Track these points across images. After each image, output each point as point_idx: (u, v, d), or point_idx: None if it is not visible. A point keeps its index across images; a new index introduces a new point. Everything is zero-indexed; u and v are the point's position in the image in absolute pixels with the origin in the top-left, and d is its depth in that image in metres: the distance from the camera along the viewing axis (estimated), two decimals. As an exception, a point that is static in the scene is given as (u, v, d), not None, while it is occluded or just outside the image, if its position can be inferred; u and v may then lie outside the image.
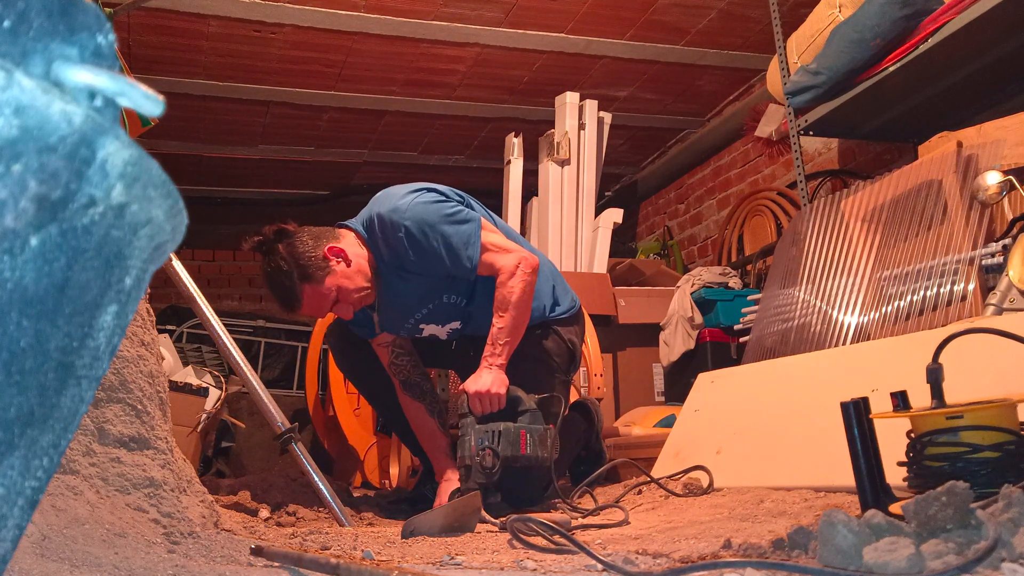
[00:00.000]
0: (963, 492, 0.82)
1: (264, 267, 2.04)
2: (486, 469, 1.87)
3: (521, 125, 4.76)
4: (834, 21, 2.79)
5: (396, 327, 2.25)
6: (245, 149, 5.12)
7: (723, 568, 0.85)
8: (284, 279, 2.00)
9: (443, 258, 2.04)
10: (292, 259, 2.00)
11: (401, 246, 2.05)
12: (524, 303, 2.05)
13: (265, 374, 5.11)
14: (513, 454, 1.90)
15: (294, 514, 1.99)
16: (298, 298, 2.03)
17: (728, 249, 4.48)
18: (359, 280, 2.07)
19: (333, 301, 2.05)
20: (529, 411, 1.97)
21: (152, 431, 1.31)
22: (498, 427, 1.91)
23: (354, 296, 2.06)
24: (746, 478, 1.89)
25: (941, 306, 2.16)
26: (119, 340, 0.48)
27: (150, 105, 0.42)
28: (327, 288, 2.02)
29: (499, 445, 1.89)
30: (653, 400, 3.73)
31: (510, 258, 2.06)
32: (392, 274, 2.13)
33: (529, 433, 1.93)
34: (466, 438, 1.92)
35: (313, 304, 2.05)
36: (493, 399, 1.94)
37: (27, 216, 0.38)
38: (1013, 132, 2.27)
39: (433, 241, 2.03)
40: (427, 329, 2.26)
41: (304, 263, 2.00)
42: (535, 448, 1.93)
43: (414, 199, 2.06)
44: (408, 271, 2.10)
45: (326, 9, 3.56)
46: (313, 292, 2.02)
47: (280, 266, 2.00)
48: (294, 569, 1.03)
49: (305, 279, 2.01)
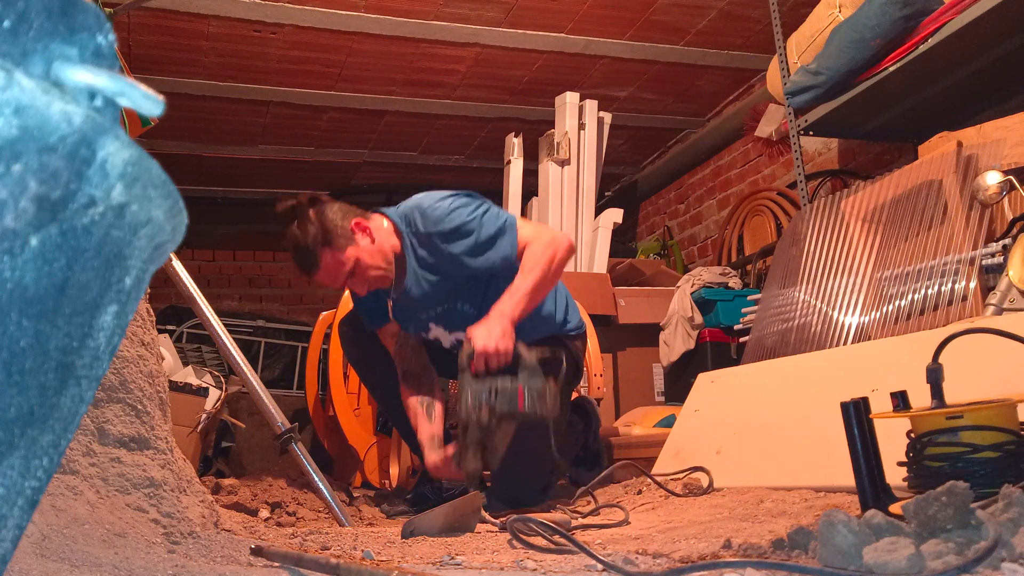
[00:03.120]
0: (963, 492, 0.82)
1: (290, 229, 2.09)
2: (482, 426, 1.82)
3: (521, 125, 4.76)
4: (834, 21, 2.79)
5: (407, 319, 2.27)
6: (245, 149, 5.12)
7: (723, 568, 0.85)
8: (307, 240, 2.06)
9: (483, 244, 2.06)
10: (319, 223, 2.06)
11: (440, 235, 2.08)
12: (551, 272, 2.05)
13: (265, 374, 5.11)
14: (511, 410, 1.83)
15: (294, 514, 1.99)
16: (316, 261, 2.07)
17: (728, 249, 4.47)
18: (379, 259, 2.11)
19: (349, 273, 2.09)
20: (528, 367, 1.89)
21: (152, 431, 1.31)
22: (495, 383, 1.84)
23: (370, 273, 2.10)
24: (746, 478, 1.89)
25: (941, 306, 2.16)
26: (119, 340, 0.48)
27: (150, 105, 0.42)
28: (347, 257, 2.07)
29: (496, 401, 1.83)
30: (653, 400, 3.73)
31: (548, 231, 2.13)
32: (420, 267, 2.17)
33: (528, 389, 1.85)
34: (464, 393, 1.85)
35: (329, 271, 2.09)
36: (501, 358, 1.88)
37: (27, 216, 0.38)
38: (1013, 132, 2.27)
39: (473, 227, 2.06)
40: (434, 331, 2.27)
41: (329, 228, 2.06)
42: (533, 405, 1.85)
43: (456, 198, 2.12)
44: (436, 268, 2.14)
45: (326, 9, 3.56)
46: (332, 258, 2.07)
47: (306, 227, 2.06)
48: (294, 569, 1.02)
49: (327, 244, 2.06)
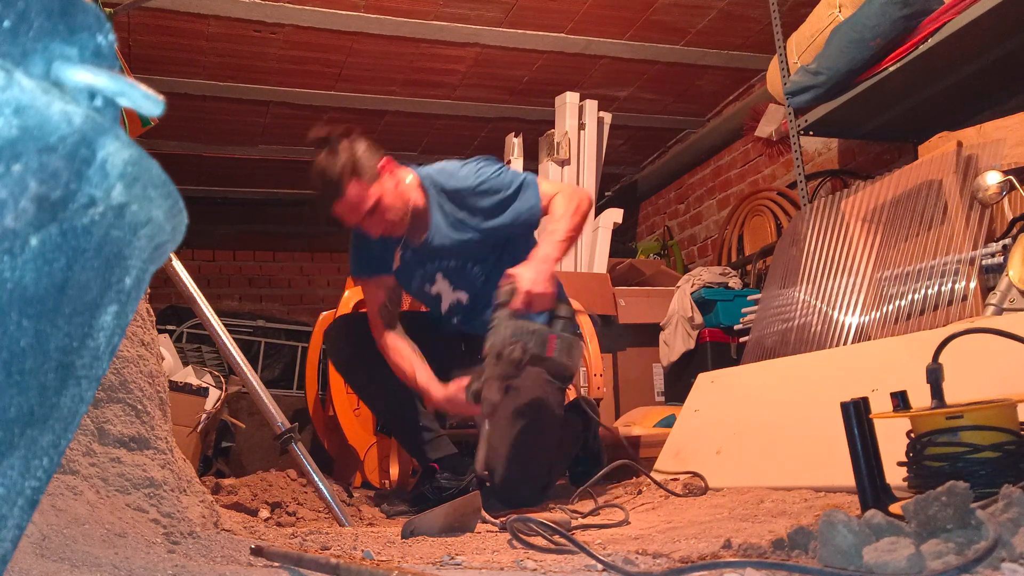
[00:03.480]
0: (963, 492, 0.82)
1: (319, 157, 2.10)
2: (513, 362, 1.88)
3: (521, 125, 4.76)
4: (834, 21, 2.79)
5: (415, 269, 2.31)
6: (245, 149, 5.12)
7: (723, 568, 0.85)
8: (336, 168, 2.07)
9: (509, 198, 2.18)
10: (350, 153, 2.08)
11: (468, 191, 2.18)
12: (580, 220, 2.18)
13: (265, 374, 5.11)
14: (541, 354, 1.92)
15: (294, 514, 1.99)
16: (342, 189, 2.08)
17: (728, 249, 4.47)
18: (399, 203, 2.15)
19: (369, 210, 2.11)
20: (563, 318, 2.01)
21: (152, 431, 1.31)
22: (533, 326, 1.93)
23: (388, 215, 2.13)
24: (746, 478, 1.89)
25: (941, 306, 2.16)
26: (119, 340, 0.48)
27: (150, 105, 0.42)
28: (371, 193, 2.10)
29: (531, 342, 1.90)
30: (653, 400, 3.72)
31: (568, 184, 2.28)
32: (446, 222, 2.23)
33: (560, 339, 1.95)
34: (500, 327, 1.92)
35: (352, 202, 2.10)
36: (543, 300, 1.96)
37: (27, 216, 0.38)
38: (1013, 132, 2.27)
39: (498, 183, 2.19)
40: (439, 285, 2.32)
41: (360, 159, 2.09)
42: (561, 355, 1.95)
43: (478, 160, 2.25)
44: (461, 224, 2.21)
45: (326, 9, 3.56)
46: (357, 190, 2.09)
47: (336, 156, 2.08)
48: (294, 569, 1.02)
49: (355, 174, 2.08)
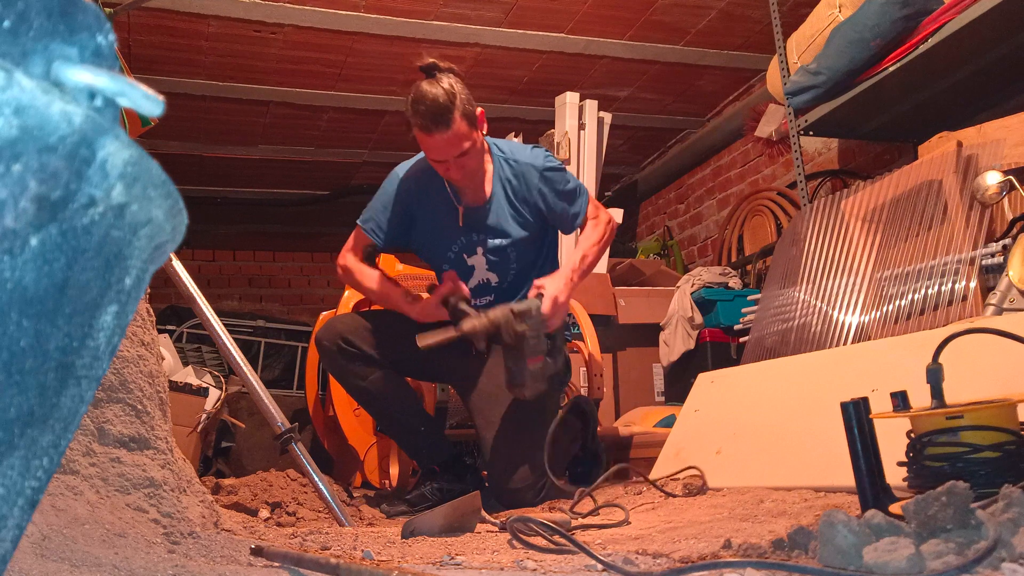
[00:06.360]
0: (963, 492, 0.82)
1: (434, 83, 2.12)
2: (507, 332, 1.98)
3: (521, 125, 4.76)
4: (834, 21, 2.79)
5: (458, 235, 2.36)
6: (245, 149, 5.12)
7: (723, 568, 0.85)
8: (453, 99, 2.10)
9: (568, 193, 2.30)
10: (464, 93, 2.14)
11: (535, 168, 2.28)
12: (604, 249, 2.36)
13: (265, 374, 5.11)
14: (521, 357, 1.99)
15: (294, 514, 1.99)
16: (452, 119, 2.10)
17: (728, 249, 4.47)
18: (481, 157, 2.25)
19: (463, 151, 2.15)
20: (556, 348, 2.12)
21: (152, 431, 1.31)
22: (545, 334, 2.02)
23: (472, 163, 2.21)
24: (746, 478, 1.89)
25: (941, 306, 2.16)
26: (119, 340, 0.48)
27: (150, 105, 0.42)
28: (474, 136, 2.16)
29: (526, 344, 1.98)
30: (653, 400, 3.72)
31: (606, 212, 2.38)
32: (505, 194, 2.32)
33: (543, 364, 2.02)
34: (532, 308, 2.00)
35: (454, 136, 2.13)
36: (564, 308, 2.09)
37: (27, 216, 0.38)
38: (1013, 132, 2.27)
39: (564, 175, 2.33)
40: (476, 260, 2.37)
41: (469, 103, 2.15)
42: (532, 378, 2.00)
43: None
44: (518, 201, 2.31)
45: (326, 9, 3.56)
46: (462, 127, 2.13)
47: (453, 87, 2.12)
48: (294, 569, 1.02)
49: (464, 115, 2.13)
